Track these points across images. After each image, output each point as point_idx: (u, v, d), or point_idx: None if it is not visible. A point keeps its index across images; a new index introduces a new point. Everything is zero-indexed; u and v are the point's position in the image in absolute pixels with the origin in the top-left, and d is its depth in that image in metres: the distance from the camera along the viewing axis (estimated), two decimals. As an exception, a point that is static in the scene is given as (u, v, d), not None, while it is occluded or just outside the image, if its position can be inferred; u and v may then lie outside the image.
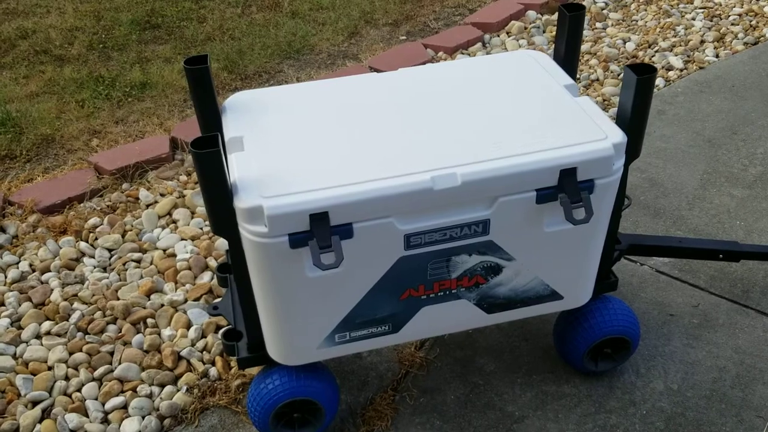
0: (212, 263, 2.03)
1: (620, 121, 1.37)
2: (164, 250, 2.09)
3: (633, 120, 1.35)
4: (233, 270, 1.34)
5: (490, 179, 1.26)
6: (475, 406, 1.65)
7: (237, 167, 1.28)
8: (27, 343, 1.81)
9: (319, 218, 1.21)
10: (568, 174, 1.29)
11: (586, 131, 1.33)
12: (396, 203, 1.24)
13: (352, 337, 1.42)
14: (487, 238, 1.33)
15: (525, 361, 1.74)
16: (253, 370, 1.67)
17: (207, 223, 2.18)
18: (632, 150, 1.38)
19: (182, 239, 2.12)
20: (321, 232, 1.21)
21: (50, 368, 1.74)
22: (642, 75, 1.31)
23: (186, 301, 1.91)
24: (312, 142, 1.34)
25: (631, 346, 1.64)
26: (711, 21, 3.29)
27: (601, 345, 1.62)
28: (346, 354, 1.45)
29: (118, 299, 1.92)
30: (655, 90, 2.85)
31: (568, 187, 1.29)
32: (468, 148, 1.30)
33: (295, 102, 1.46)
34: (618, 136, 1.33)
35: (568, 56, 1.57)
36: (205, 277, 1.99)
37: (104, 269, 2.03)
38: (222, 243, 2.08)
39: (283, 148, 1.33)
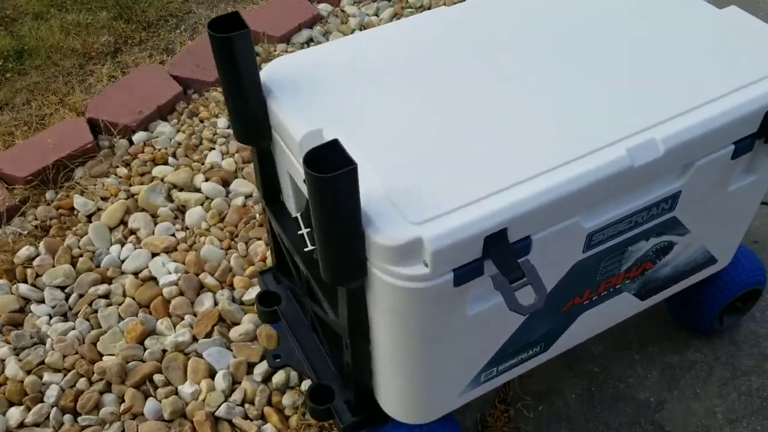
0: (209, 280, 1.56)
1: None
2: (135, 275, 1.59)
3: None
4: (349, 326, 0.93)
5: (695, 139, 0.92)
6: (602, 401, 1.37)
7: (343, 180, 0.85)
8: (-6, 447, 1.30)
9: (497, 240, 0.83)
10: (771, 116, 0.98)
11: (772, 55, 1.02)
12: (588, 196, 0.88)
13: (500, 371, 1.07)
14: (671, 214, 1.01)
15: (632, 332, 1.47)
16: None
17: (177, 228, 1.69)
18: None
19: (154, 254, 1.63)
20: (504, 258, 0.83)
21: (42, 477, 1.26)
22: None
23: (195, 339, 1.46)
24: (423, 124, 0.93)
25: (760, 295, 1.41)
26: None
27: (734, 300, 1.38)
28: (486, 392, 1.10)
29: (101, 357, 1.43)
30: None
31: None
32: (648, 102, 0.95)
33: (367, 64, 1.03)
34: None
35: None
36: (206, 302, 1.53)
37: (64, 316, 1.52)
38: (211, 252, 1.61)
39: (387, 140, 0.91)
